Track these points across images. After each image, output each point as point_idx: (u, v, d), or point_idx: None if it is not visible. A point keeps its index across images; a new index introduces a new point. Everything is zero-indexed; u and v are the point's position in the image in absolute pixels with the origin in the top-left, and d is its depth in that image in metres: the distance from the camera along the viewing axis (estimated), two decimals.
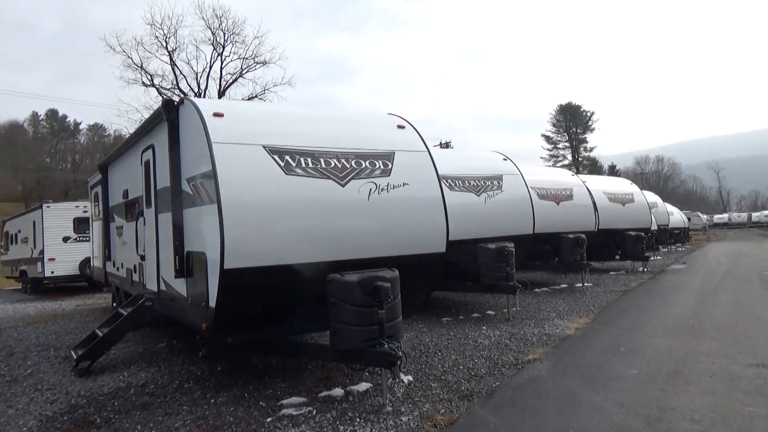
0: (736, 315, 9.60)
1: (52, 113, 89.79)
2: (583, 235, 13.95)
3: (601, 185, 18.45)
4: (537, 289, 13.98)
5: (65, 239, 18.89)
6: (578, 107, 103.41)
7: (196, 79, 42.18)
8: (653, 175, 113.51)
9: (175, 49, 40.12)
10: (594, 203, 17.42)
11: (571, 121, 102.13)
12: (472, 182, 10.75)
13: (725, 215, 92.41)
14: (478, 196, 10.71)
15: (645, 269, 18.07)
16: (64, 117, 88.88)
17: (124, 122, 59.89)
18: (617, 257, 18.19)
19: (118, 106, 77.17)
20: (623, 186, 19.68)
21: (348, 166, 6.20)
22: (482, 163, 11.60)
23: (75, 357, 7.47)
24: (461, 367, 6.90)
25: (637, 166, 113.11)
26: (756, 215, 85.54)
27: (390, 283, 5.50)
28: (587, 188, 17.50)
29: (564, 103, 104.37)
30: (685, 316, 9.66)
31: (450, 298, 12.68)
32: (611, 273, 17.71)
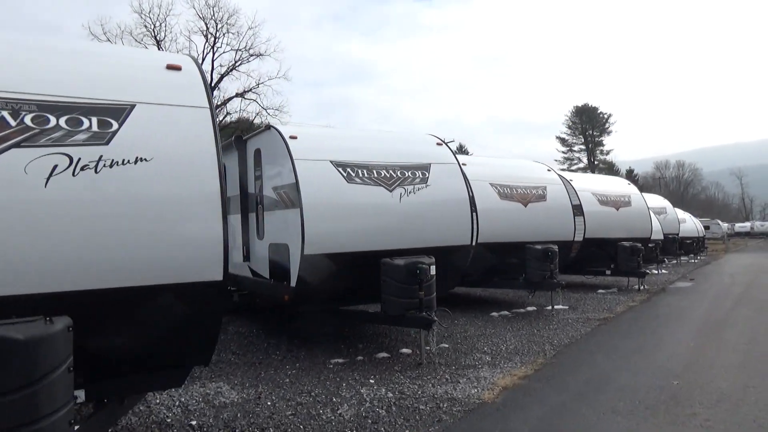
0: (746, 372, 6.56)
1: None
2: (555, 246, 10.95)
3: (590, 184, 15.41)
4: (494, 313, 11.02)
5: None
6: (595, 109, 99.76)
7: None
8: (673, 181, 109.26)
9: (162, 40, 37.99)
10: (580, 206, 14.48)
11: (587, 123, 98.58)
12: (383, 173, 7.85)
13: (747, 224, 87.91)
14: (391, 191, 7.79)
15: (642, 287, 14.95)
16: None
17: None
18: (608, 272, 15.10)
19: None
20: (619, 186, 16.56)
21: (11, 124, 3.37)
22: (402, 146, 8.66)
23: None
24: None
25: (657, 170, 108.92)
26: None
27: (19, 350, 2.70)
28: (572, 187, 14.57)
29: (580, 105, 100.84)
30: (670, 371, 6.64)
31: (371, 326, 9.74)
32: (599, 291, 14.62)
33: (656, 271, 20.55)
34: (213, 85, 41.25)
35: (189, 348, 4.10)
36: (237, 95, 41.48)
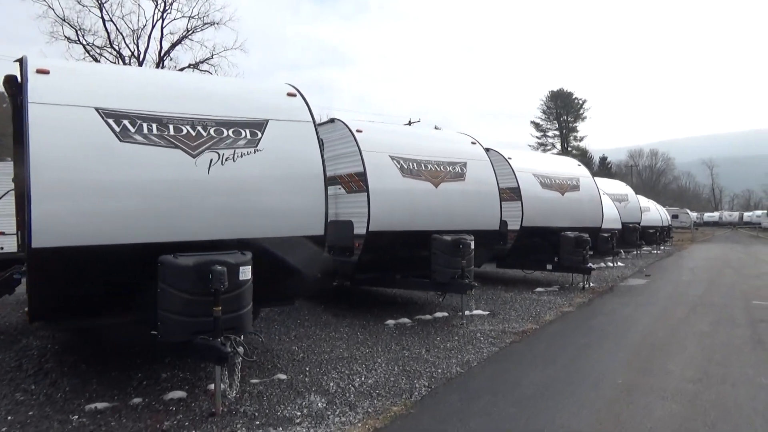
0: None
1: None
2: (469, 238, 8.64)
3: (531, 164, 13.13)
4: (390, 321, 8.69)
5: None
6: (570, 94, 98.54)
7: (133, 38, 36.71)
8: (646, 170, 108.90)
9: (106, 1, 34.46)
10: (518, 189, 12.26)
11: (562, 109, 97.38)
12: (185, 129, 5.35)
13: (716, 214, 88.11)
14: (195, 156, 5.30)
15: (587, 285, 12.80)
16: None
17: None
18: (549, 266, 12.91)
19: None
20: (566, 168, 14.30)
21: None
22: (225, 93, 6.12)
23: None
24: None
25: (630, 159, 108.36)
26: (748, 215, 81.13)
27: None
28: (510, 167, 12.32)
29: (555, 89, 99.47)
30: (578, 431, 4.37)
31: None
32: (537, 290, 12.41)
33: (611, 264, 18.59)
34: (163, 54, 38.12)
35: None
36: (190, 66, 38.48)
